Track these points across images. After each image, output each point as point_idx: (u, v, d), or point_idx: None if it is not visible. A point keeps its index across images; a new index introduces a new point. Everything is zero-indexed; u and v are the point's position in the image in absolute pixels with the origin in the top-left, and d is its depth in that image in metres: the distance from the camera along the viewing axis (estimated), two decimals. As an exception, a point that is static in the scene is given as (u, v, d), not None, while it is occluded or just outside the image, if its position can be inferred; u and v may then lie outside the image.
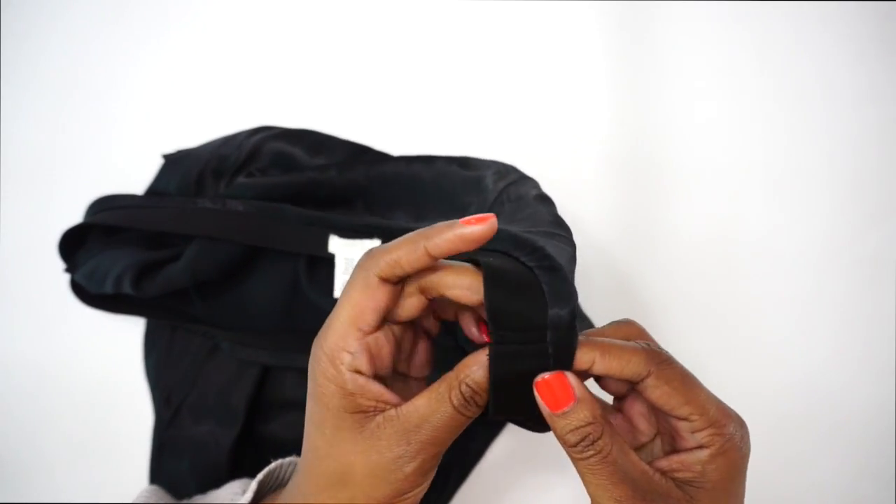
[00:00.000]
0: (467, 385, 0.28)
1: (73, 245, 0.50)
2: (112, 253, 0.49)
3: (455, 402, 0.28)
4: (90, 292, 0.50)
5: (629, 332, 0.31)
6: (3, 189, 0.54)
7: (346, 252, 0.46)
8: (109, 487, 0.45)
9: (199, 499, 0.40)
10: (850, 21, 0.53)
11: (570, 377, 0.27)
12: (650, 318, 0.53)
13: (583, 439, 0.27)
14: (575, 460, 0.28)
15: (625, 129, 0.53)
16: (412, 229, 0.30)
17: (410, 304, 0.30)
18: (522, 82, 0.54)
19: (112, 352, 0.53)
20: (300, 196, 0.49)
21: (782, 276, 0.53)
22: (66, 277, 0.51)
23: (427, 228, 0.28)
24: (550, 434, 0.29)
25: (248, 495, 0.35)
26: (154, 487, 0.42)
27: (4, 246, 0.54)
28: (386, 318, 0.30)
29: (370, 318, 0.29)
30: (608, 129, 0.53)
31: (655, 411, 0.30)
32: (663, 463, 0.29)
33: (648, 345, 0.29)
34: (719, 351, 0.52)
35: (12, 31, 0.55)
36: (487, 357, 0.28)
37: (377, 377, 0.29)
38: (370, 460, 0.28)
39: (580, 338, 0.28)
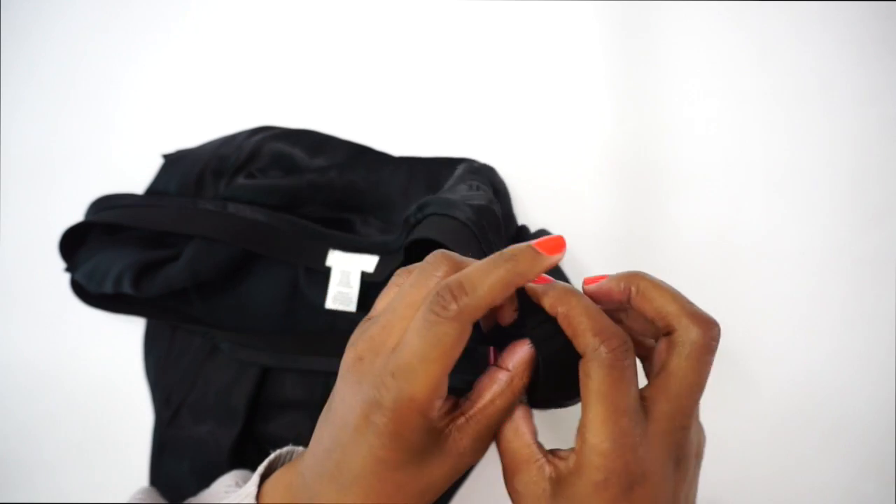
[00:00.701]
0: (521, 380, 0.29)
1: (74, 244, 0.50)
2: (112, 252, 0.49)
3: (517, 397, 0.30)
4: (90, 292, 0.50)
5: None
6: (3, 189, 0.54)
7: (343, 265, 0.46)
8: (109, 487, 0.45)
9: (193, 500, 0.40)
10: (850, 21, 0.53)
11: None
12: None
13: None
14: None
15: (624, 129, 0.53)
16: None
17: None
18: (522, 82, 0.54)
19: (112, 352, 0.53)
20: (300, 198, 0.49)
21: (782, 276, 0.53)
22: (67, 277, 0.51)
23: (507, 260, 0.28)
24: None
25: (252, 489, 0.34)
26: (147, 488, 0.42)
27: (4, 246, 0.54)
28: None
29: (455, 360, 0.28)
30: (608, 130, 0.53)
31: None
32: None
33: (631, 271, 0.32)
34: (719, 351, 0.52)
35: (12, 31, 0.55)
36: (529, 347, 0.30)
37: None
38: (454, 469, 0.29)
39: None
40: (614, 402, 0.27)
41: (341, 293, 0.46)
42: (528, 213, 0.52)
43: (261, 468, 0.35)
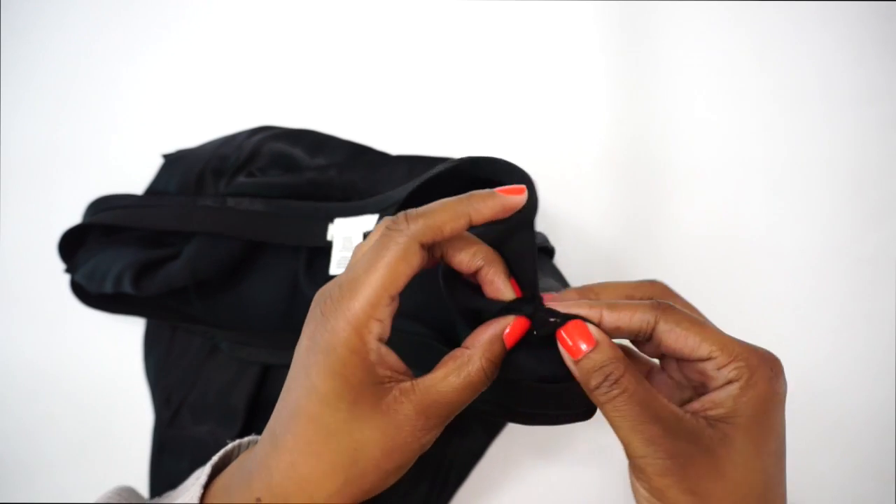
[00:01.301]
0: (489, 360, 0.29)
1: (73, 245, 0.50)
2: (112, 252, 0.49)
3: (475, 376, 0.28)
4: (90, 293, 0.50)
5: (653, 291, 0.32)
6: (3, 189, 0.54)
7: (344, 230, 0.45)
8: (109, 487, 0.45)
9: (165, 497, 0.38)
10: (850, 21, 0.53)
11: (588, 324, 0.29)
12: (650, 318, 0.53)
13: (605, 379, 0.28)
14: (601, 405, 0.28)
15: (624, 128, 0.53)
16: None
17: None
18: (522, 82, 0.54)
19: (112, 352, 0.53)
20: (299, 196, 0.49)
21: (782, 275, 0.53)
22: (66, 277, 0.51)
23: (465, 196, 0.28)
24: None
25: (203, 478, 0.32)
26: (122, 487, 0.41)
27: (4, 246, 0.54)
28: None
29: (403, 283, 0.27)
30: (608, 129, 0.53)
31: (681, 364, 0.30)
32: (695, 405, 0.29)
33: (657, 299, 0.30)
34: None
35: (12, 30, 0.55)
36: (506, 327, 0.29)
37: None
38: (388, 434, 0.28)
39: (588, 300, 0.30)
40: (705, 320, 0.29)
41: (345, 258, 0.45)
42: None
43: (214, 458, 0.33)
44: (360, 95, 0.54)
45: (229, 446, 0.35)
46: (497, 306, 0.30)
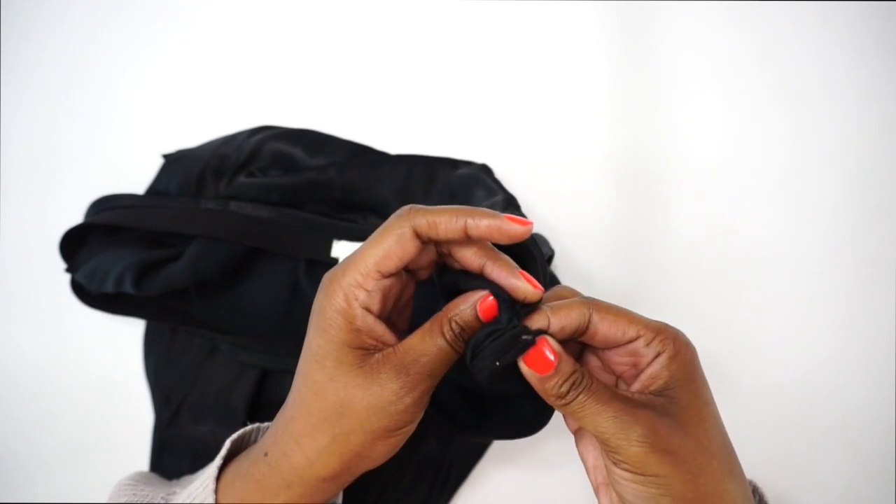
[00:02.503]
0: (457, 322, 0.31)
1: (74, 245, 0.50)
2: (113, 252, 0.49)
3: (448, 336, 0.31)
4: (91, 293, 0.50)
5: (563, 293, 0.34)
6: (3, 189, 0.54)
7: (348, 253, 0.46)
8: (109, 487, 0.45)
9: (185, 478, 0.40)
10: (850, 21, 0.53)
11: (549, 340, 0.30)
12: (650, 317, 0.53)
13: (572, 386, 0.30)
14: (568, 409, 0.30)
15: (624, 129, 0.53)
16: None
17: (425, 257, 0.33)
18: (522, 83, 0.54)
19: (112, 352, 0.53)
20: (300, 196, 0.49)
21: (782, 275, 0.53)
22: (67, 277, 0.51)
23: (470, 207, 0.30)
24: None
25: (217, 459, 0.35)
26: (137, 473, 0.42)
27: (4, 246, 0.54)
28: (404, 269, 0.32)
29: (393, 264, 0.31)
30: (607, 130, 0.53)
31: (607, 354, 0.33)
32: (635, 386, 0.32)
33: (582, 296, 0.33)
34: (720, 350, 0.52)
35: (12, 31, 0.55)
36: (477, 298, 0.31)
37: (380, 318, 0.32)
38: (371, 393, 0.30)
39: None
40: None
41: None
42: (528, 214, 0.52)
43: (234, 436, 0.36)
44: (361, 96, 0.54)
45: (248, 428, 0.37)
46: (481, 287, 0.31)
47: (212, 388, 0.50)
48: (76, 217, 0.51)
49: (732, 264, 0.53)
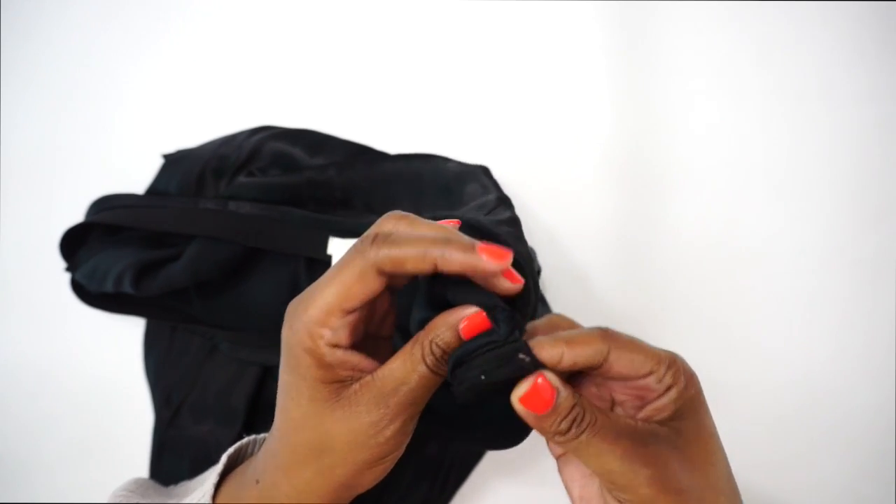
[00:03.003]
0: (438, 346, 0.28)
1: (75, 244, 0.50)
2: (113, 252, 0.49)
3: (429, 362, 0.28)
4: (90, 292, 0.50)
5: (560, 323, 0.31)
6: (3, 189, 0.54)
7: (342, 250, 0.46)
8: (109, 487, 0.45)
9: (182, 486, 0.40)
10: (850, 21, 0.53)
11: (547, 376, 0.27)
12: (651, 319, 0.53)
13: (573, 423, 0.27)
14: (569, 447, 0.28)
15: (624, 129, 0.53)
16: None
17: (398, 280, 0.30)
18: (522, 82, 0.54)
19: (112, 352, 0.53)
20: (300, 196, 0.49)
21: (782, 276, 0.53)
22: (66, 277, 0.51)
23: (442, 238, 0.27)
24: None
25: (214, 476, 0.34)
26: (136, 480, 0.42)
27: (4, 246, 0.54)
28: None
29: (357, 302, 0.28)
30: (607, 130, 0.53)
31: (611, 384, 0.31)
32: (640, 415, 0.30)
33: (600, 327, 0.30)
34: (720, 351, 0.52)
35: (12, 31, 0.55)
36: (461, 318, 0.28)
37: (354, 345, 0.30)
38: (349, 427, 0.29)
39: (545, 338, 0.28)
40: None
41: None
42: (528, 214, 0.52)
43: (230, 450, 0.35)
44: (360, 95, 0.54)
45: (245, 440, 0.37)
46: (476, 299, 0.28)
47: (212, 387, 0.50)
48: (77, 217, 0.51)
49: (732, 264, 0.53)
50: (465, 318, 0.28)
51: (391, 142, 0.52)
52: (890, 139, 0.53)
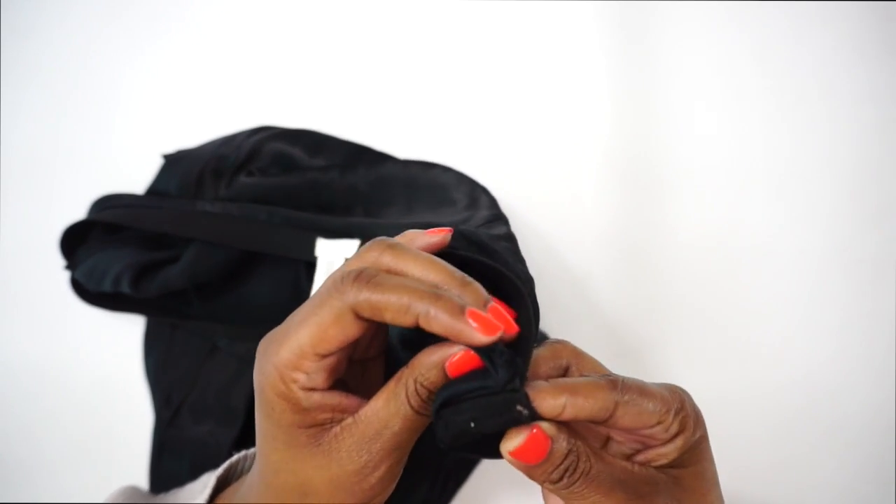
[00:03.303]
0: (423, 386, 0.25)
1: (74, 243, 0.50)
2: (111, 252, 0.49)
3: (414, 403, 0.26)
4: (90, 290, 0.50)
5: (562, 352, 0.29)
6: (3, 189, 0.54)
7: (329, 254, 0.45)
8: (110, 487, 0.45)
9: (172, 495, 0.39)
10: (850, 21, 0.53)
11: (544, 428, 0.25)
12: (651, 320, 0.53)
13: (565, 472, 0.26)
14: (561, 494, 0.27)
15: (624, 130, 0.53)
16: (395, 227, 0.28)
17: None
18: (521, 82, 0.54)
19: (112, 352, 0.53)
20: (302, 197, 0.49)
21: (782, 276, 0.53)
22: (66, 277, 0.51)
23: (430, 292, 0.24)
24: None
25: (207, 492, 0.33)
26: (128, 487, 0.41)
27: (4, 246, 0.54)
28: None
29: (334, 346, 0.25)
30: (607, 131, 0.53)
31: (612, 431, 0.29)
32: (639, 458, 0.28)
33: (607, 375, 0.27)
34: (720, 351, 0.52)
35: (12, 31, 0.55)
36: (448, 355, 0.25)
37: (334, 383, 0.27)
38: (331, 474, 0.26)
39: (546, 385, 0.26)
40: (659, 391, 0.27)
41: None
42: (526, 215, 0.52)
43: (219, 471, 0.34)
44: (359, 96, 0.54)
45: (235, 458, 0.35)
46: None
47: (212, 387, 0.50)
48: (76, 216, 0.51)
49: (732, 264, 0.53)
50: (454, 356, 0.25)
51: (391, 142, 0.52)
52: (890, 139, 0.53)
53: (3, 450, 0.53)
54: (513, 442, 0.25)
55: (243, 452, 0.36)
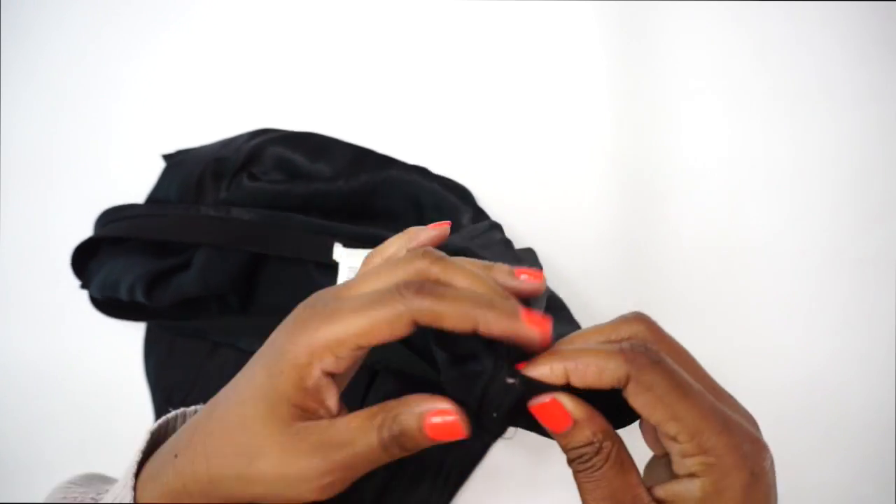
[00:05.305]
0: (397, 426, 0.26)
1: (84, 259, 0.50)
2: (121, 260, 0.49)
3: (383, 436, 0.26)
4: (115, 304, 0.50)
5: (633, 329, 0.28)
6: (3, 189, 0.54)
7: (350, 261, 0.46)
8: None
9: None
10: (850, 21, 0.53)
11: (565, 400, 0.26)
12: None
13: (579, 457, 0.26)
14: (573, 470, 0.28)
15: (623, 129, 0.53)
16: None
17: None
18: (521, 82, 0.54)
19: (112, 352, 0.53)
20: (307, 206, 0.48)
21: (782, 276, 0.53)
22: (67, 277, 0.51)
23: (486, 299, 0.26)
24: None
25: (136, 454, 0.32)
26: (84, 475, 0.40)
27: (4, 246, 0.54)
28: None
29: (377, 342, 0.26)
30: (607, 130, 0.53)
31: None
32: (660, 491, 0.27)
33: (633, 345, 0.26)
34: (720, 351, 0.52)
35: (12, 31, 0.55)
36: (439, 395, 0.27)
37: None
38: (284, 460, 0.27)
39: (551, 356, 0.27)
40: (690, 388, 0.25)
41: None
42: (527, 215, 0.52)
43: (146, 435, 0.33)
44: (359, 98, 0.54)
45: (171, 414, 0.34)
46: (463, 348, 0.27)
47: (212, 387, 0.50)
48: (76, 217, 0.51)
49: (732, 263, 0.53)
50: (435, 414, 0.26)
51: (390, 145, 0.52)
52: (890, 139, 0.53)
53: (3, 450, 0.53)
54: (534, 401, 0.26)
55: (181, 410, 0.35)
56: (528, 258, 0.48)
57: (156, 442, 0.33)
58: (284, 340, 0.27)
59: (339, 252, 0.46)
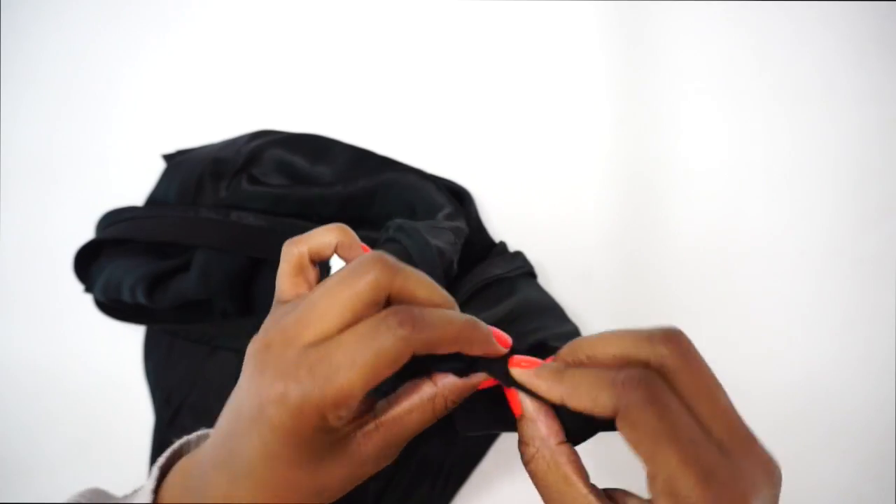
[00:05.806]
0: (453, 401, 0.29)
1: (86, 263, 0.50)
2: (121, 262, 0.49)
3: (438, 411, 0.28)
4: (123, 308, 0.50)
5: (655, 352, 0.26)
6: (4, 189, 0.54)
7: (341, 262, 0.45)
8: (110, 487, 0.45)
9: (132, 495, 0.38)
10: (850, 21, 0.53)
11: (521, 394, 0.28)
12: (651, 320, 0.53)
13: (522, 453, 0.29)
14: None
15: (623, 129, 0.53)
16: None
17: None
18: (522, 81, 0.54)
19: (112, 352, 0.53)
20: (306, 210, 0.48)
21: (783, 275, 0.53)
22: (67, 277, 0.51)
23: (469, 324, 0.27)
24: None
25: (150, 483, 0.31)
26: (90, 489, 0.40)
27: (4, 246, 0.54)
28: None
29: (380, 380, 0.25)
30: (607, 130, 0.53)
31: None
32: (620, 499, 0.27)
33: (631, 377, 0.25)
34: (720, 351, 0.52)
35: (12, 31, 0.55)
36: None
37: None
38: (352, 472, 0.28)
39: (553, 366, 0.28)
40: (673, 434, 0.24)
41: None
42: (528, 216, 0.52)
43: (161, 459, 0.33)
44: (359, 99, 0.54)
45: (176, 444, 0.34)
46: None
47: (212, 388, 0.50)
48: (76, 217, 0.51)
49: (733, 263, 0.53)
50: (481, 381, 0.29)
51: (390, 146, 0.52)
52: (890, 139, 0.53)
53: (3, 450, 0.53)
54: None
55: (185, 439, 0.35)
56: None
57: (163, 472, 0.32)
58: (288, 404, 0.26)
59: (336, 258, 0.46)
